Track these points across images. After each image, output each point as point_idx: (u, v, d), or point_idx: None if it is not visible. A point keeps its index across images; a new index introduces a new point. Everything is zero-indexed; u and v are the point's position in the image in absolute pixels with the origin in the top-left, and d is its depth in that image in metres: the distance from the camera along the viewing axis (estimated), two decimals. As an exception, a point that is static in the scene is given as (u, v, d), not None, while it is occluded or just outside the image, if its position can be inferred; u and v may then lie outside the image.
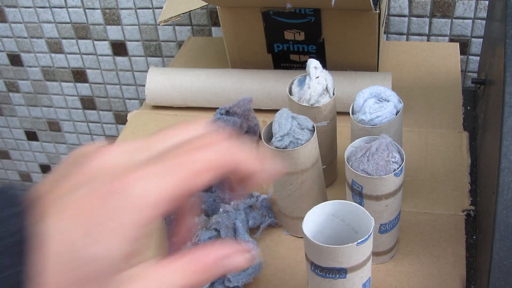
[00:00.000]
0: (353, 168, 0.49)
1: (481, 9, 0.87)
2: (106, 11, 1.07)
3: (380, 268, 0.56)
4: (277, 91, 0.76)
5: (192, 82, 0.79)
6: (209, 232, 0.55)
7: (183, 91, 0.80)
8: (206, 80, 0.79)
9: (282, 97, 0.75)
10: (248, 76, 0.77)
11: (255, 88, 0.76)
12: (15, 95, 1.28)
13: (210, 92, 0.79)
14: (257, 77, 0.77)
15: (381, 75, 0.73)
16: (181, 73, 0.80)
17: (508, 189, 0.43)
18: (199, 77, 0.79)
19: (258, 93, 0.76)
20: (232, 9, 0.76)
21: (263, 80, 0.76)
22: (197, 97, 0.80)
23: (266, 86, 0.76)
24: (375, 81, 0.73)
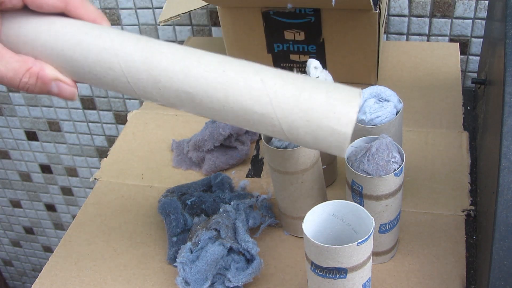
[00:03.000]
0: (353, 168, 0.50)
1: (481, 9, 0.87)
2: (106, 11, 1.07)
3: (380, 268, 0.56)
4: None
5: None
6: (209, 232, 0.55)
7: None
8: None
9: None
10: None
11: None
12: (15, 95, 1.28)
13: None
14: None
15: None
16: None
17: (508, 189, 0.43)
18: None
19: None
20: (232, 9, 0.76)
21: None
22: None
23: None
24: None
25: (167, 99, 0.40)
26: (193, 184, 0.66)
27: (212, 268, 0.53)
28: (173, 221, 0.60)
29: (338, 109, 0.37)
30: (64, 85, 0.41)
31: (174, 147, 0.75)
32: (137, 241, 0.63)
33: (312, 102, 0.37)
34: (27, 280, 1.83)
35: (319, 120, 0.37)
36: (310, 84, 0.38)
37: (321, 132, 0.38)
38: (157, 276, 0.59)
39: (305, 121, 0.38)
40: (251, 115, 0.39)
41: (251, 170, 0.71)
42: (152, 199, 0.68)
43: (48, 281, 0.60)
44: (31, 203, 1.55)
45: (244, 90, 0.38)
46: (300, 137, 0.38)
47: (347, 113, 0.37)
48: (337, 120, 0.37)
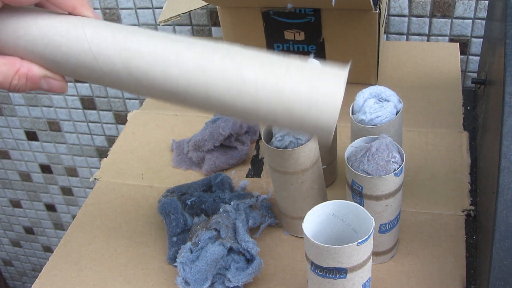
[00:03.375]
0: (353, 168, 0.50)
1: (481, 9, 0.87)
2: (106, 11, 1.07)
3: (380, 268, 0.56)
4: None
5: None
6: (209, 232, 0.55)
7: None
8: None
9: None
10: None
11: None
12: (15, 95, 1.28)
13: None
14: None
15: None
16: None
17: (508, 189, 0.43)
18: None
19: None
20: (232, 9, 0.76)
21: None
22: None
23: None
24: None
25: (152, 95, 0.41)
26: (193, 184, 0.66)
27: (212, 268, 0.53)
28: (173, 221, 0.60)
29: (321, 102, 0.37)
30: (53, 81, 0.42)
31: (174, 147, 0.75)
32: (137, 241, 0.63)
33: (295, 96, 0.37)
34: (27, 280, 1.83)
35: (302, 114, 0.37)
36: (293, 73, 0.38)
37: (305, 126, 0.38)
38: (157, 276, 0.59)
39: (288, 115, 0.38)
40: (234, 110, 0.39)
41: (251, 170, 0.71)
42: (152, 199, 0.68)
43: (48, 281, 0.60)
44: (31, 203, 1.55)
45: (225, 89, 0.38)
46: (285, 128, 0.39)
47: (329, 107, 0.37)
48: (320, 113, 0.37)
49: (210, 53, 0.39)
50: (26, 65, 0.40)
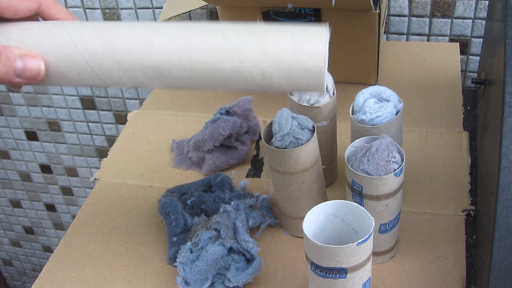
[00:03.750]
0: (353, 168, 0.50)
1: (481, 9, 0.87)
2: (106, 11, 1.07)
3: (380, 268, 0.56)
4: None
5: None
6: (209, 232, 0.55)
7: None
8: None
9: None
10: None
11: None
12: (15, 95, 1.28)
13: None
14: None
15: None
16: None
17: (508, 189, 0.43)
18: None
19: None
20: (232, 9, 0.76)
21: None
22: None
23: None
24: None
25: (135, 79, 0.40)
26: (193, 184, 0.66)
27: (212, 268, 0.53)
28: (173, 221, 0.60)
29: (306, 46, 0.37)
30: (30, 60, 0.40)
31: (174, 147, 0.75)
32: (137, 241, 0.63)
33: (279, 46, 0.37)
34: (27, 280, 1.83)
35: (290, 61, 0.37)
36: (273, 30, 0.38)
37: (295, 73, 0.37)
38: (157, 276, 0.59)
39: (276, 67, 0.37)
40: (221, 74, 0.38)
41: (251, 170, 0.71)
42: (152, 199, 0.68)
43: (48, 281, 0.60)
44: (31, 203, 1.55)
45: (208, 51, 0.38)
46: (275, 84, 0.38)
47: (316, 47, 0.37)
48: (308, 57, 0.36)
49: (190, 25, 0.39)
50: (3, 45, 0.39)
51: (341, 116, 0.65)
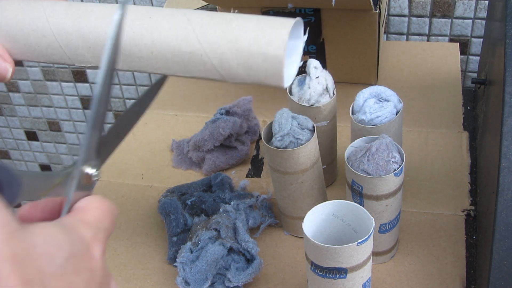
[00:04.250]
0: (353, 168, 0.50)
1: (481, 9, 0.87)
2: (106, 11, 1.07)
3: (380, 268, 0.56)
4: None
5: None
6: (209, 232, 0.55)
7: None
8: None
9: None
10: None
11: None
12: (15, 95, 1.28)
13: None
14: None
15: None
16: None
17: (508, 189, 0.43)
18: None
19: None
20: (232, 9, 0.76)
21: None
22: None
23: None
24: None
25: (98, 57, 0.39)
26: (193, 184, 0.66)
27: (212, 268, 0.53)
28: (173, 221, 0.60)
29: (267, 32, 0.35)
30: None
31: (174, 147, 0.75)
32: (137, 241, 0.63)
33: (241, 30, 0.35)
34: (27, 280, 1.83)
35: (249, 47, 0.35)
36: (239, 17, 0.37)
37: (253, 60, 0.35)
38: (157, 276, 0.59)
39: (234, 51, 0.35)
40: (180, 56, 0.37)
41: (251, 170, 0.71)
42: (152, 199, 0.68)
43: (48, 281, 0.60)
44: (31, 203, 1.54)
45: (170, 30, 0.37)
46: (233, 71, 0.36)
47: (278, 35, 0.34)
48: (268, 44, 0.35)
49: (160, 8, 0.39)
50: None
51: (341, 116, 0.65)
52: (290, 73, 0.37)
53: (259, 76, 0.36)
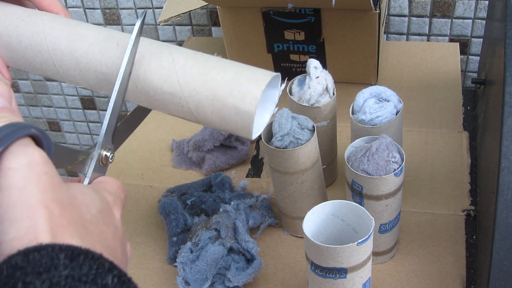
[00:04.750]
0: (353, 168, 0.50)
1: (481, 9, 0.87)
2: (106, 11, 1.07)
3: (380, 268, 0.56)
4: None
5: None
6: (209, 232, 0.55)
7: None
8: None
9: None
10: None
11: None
12: (15, 95, 1.27)
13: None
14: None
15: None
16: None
17: (508, 189, 0.43)
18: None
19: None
20: (232, 9, 0.76)
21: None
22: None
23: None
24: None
25: (87, 81, 0.41)
26: (193, 184, 0.66)
27: (212, 268, 0.53)
28: (173, 221, 0.60)
29: (243, 87, 0.36)
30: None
31: (174, 147, 0.75)
32: (137, 241, 0.63)
33: (219, 80, 0.37)
34: (27, 280, 1.83)
35: (224, 98, 0.37)
36: (222, 64, 0.38)
37: (226, 111, 0.37)
38: (157, 276, 0.59)
39: (210, 100, 0.37)
40: (161, 95, 0.38)
41: (251, 170, 0.71)
42: (152, 199, 0.68)
43: (48, 281, 0.60)
44: (31, 203, 1.54)
45: (155, 69, 0.38)
46: (207, 117, 0.38)
47: (252, 91, 0.36)
48: (241, 99, 0.36)
49: (152, 41, 0.40)
50: None
51: (341, 116, 0.65)
52: (261, 123, 0.39)
53: (231, 126, 0.38)
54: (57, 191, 0.28)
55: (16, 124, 0.28)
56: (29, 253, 0.24)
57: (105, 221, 0.31)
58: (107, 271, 0.26)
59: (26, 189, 0.26)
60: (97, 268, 0.25)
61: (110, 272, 0.26)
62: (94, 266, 0.25)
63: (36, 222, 0.26)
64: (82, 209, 0.29)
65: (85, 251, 0.26)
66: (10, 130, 0.27)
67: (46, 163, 0.28)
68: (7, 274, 0.23)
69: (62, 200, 0.28)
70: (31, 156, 0.27)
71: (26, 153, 0.27)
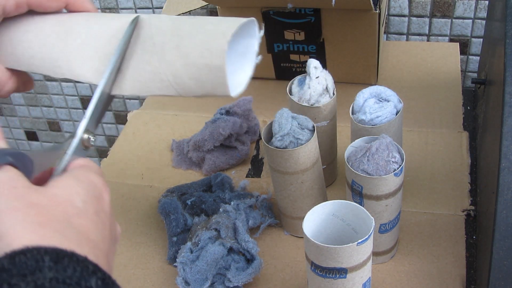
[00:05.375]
0: (353, 168, 0.50)
1: (481, 9, 0.87)
2: (106, 11, 1.07)
3: (380, 268, 0.56)
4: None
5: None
6: (209, 232, 0.55)
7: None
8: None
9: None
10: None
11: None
12: (15, 95, 1.28)
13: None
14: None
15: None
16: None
17: (508, 189, 0.43)
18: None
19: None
20: (232, 9, 0.76)
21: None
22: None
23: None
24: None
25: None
26: (193, 184, 0.66)
27: (212, 268, 0.53)
28: (173, 221, 0.60)
29: (211, 44, 0.36)
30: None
31: (174, 147, 0.75)
32: (137, 241, 0.63)
33: (191, 46, 0.37)
34: (27, 280, 1.83)
35: (196, 60, 0.37)
36: (194, 26, 0.38)
37: (200, 73, 0.37)
38: (157, 276, 0.59)
39: (185, 66, 0.37)
40: (143, 76, 0.39)
41: (251, 170, 0.71)
42: (152, 199, 0.68)
43: (48, 281, 0.60)
44: (31, 203, 1.54)
45: (141, 54, 0.39)
46: (186, 85, 0.38)
47: (218, 45, 0.36)
48: (210, 55, 0.36)
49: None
50: None
51: (341, 116, 0.65)
52: (243, 76, 0.39)
53: (208, 87, 0.38)
54: (30, 197, 0.29)
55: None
56: (15, 256, 0.25)
57: (94, 210, 0.32)
58: (91, 273, 0.26)
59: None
60: (81, 271, 0.26)
61: (94, 274, 0.26)
62: (79, 268, 0.26)
63: (9, 226, 0.27)
64: (64, 205, 0.30)
65: (70, 253, 0.26)
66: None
67: (15, 180, 0.29)
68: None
69: (38, 203, 0.28)
70: (2, 176, 0.29)
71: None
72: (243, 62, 0.40)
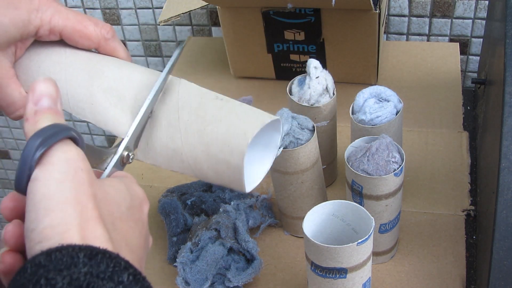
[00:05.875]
0: (353, 168, 0.50)
1: (481, 9, 0.87)
2: (106, 11, 1.07)
3: (380, 268, 0.56)
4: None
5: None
6: (209, 232, 0.55)
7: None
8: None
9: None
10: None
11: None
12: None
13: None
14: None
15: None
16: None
17: (508, 189, 0.43)
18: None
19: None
20: (232, 9, 0.76)
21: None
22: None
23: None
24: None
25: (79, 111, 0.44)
26: (193, 184, 0.66)
27: (212, 268, 0.53)
28: (173, 221, 0.60)
29: (232, 141, 0.38)
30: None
31: (174, 147, 0.75)
32: (137, 241, 0.63)
33: (213, 136, 0.39)
34: (27, 280, 1.83)
35: (216, 154, 0.38)
36: (221, 114, 0.39)
37: (219, 166, 0.39)
38: (157, 276, 0.59)
39: (206, 155, 0.39)
40: (166, 151, 0.41)
41: (251, 170, 0.71)
42: (152, 199, 0.68)
43: (48, 281, 0.60)
44: (31, 203, 1.54)
45: (165, 127, 0.41)
46: (204, 171, 0.40)
47: (238, 145, 0.38)
48: (230, 153, 0.38)
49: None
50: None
51: (341, 116, 0.65)
52: (261, 170, 0.42)
53: (225, 180, 0.39)
54: (92, 187, 0.30)
55: (58, 125, 0.30)
56: (51, 253, 0.26)
57: (133, 218, 0.33)
58: (123, 269, 0.27)
59: (63, 183, 0.29)
60: (114, 266, 0.27)
61: (126, 270, 0.27)
62: (111, 264, 0.27)
63: (69, 216, 0.28)
64: (113, 206, 0.31)
65: (102, 250, 0.27)
66: (53, 132, 0.30)
67: (83, 160, 0.30)
68: (31, 272, 0.25)
69: (96, 196, 0.30)
70: (70, 153, 0.30)
71: (65, 151, 0.30)
72: (264, 154, 0.42)
